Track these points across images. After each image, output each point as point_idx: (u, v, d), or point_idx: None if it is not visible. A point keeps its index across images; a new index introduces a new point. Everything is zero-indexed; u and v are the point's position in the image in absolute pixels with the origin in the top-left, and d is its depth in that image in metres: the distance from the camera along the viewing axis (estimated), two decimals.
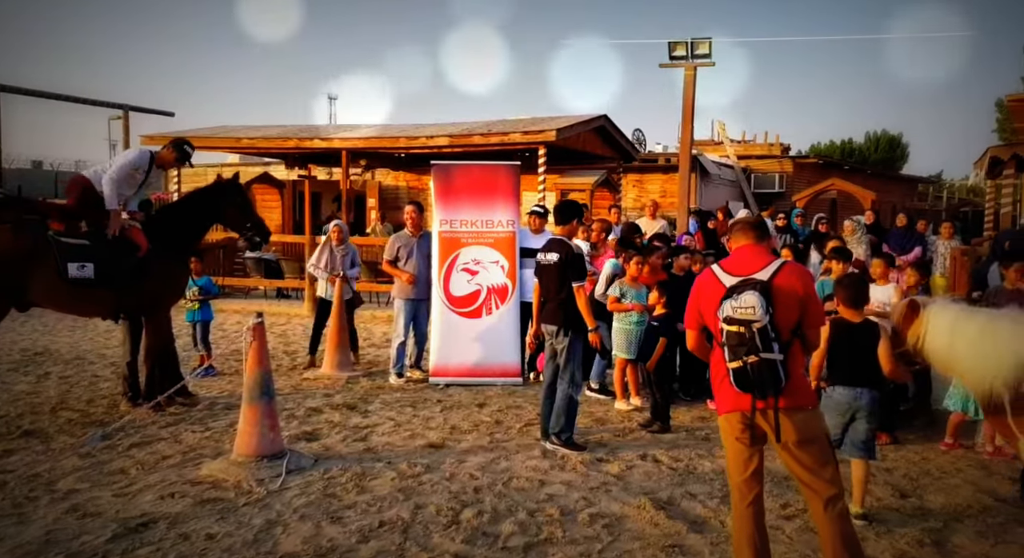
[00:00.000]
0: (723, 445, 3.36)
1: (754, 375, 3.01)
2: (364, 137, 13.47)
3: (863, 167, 24.65)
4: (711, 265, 3.39)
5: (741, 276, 3.16)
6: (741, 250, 3.33)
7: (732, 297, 3.05)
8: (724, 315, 3.05)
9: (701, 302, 3.30)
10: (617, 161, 15.35)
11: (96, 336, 9.81)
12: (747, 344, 3.00)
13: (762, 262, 3.21)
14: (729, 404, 3.19)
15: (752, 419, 3.13)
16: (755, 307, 2.99)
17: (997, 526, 4.13)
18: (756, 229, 3.35)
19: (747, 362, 2.99)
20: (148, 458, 5.04)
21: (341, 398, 6.86)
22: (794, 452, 3.13)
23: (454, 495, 4.48)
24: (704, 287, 3.30)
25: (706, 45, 10.76)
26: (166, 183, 23.51)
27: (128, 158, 6.14)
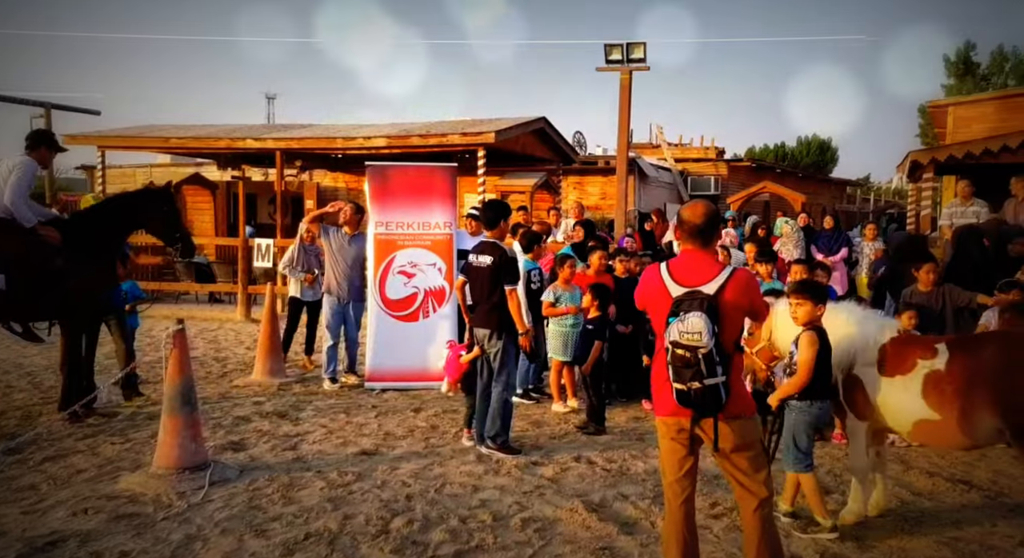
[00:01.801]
0: (658, 445, 3.35)
1: (696, 399, 3.01)
2: (299, 138, 13.19)
3: (795, 170, 25.39)
4: (660, 264, 3.27)
5: (688, 286, 3.08)
6: (689, 255, 3.21)
7: (679, 317, 2.99)
8: (671, 339, 3.00)
9: (647, 302, 3.25)
10: (557, 163, 15.42)
11: (10, 344, 9.30)
12: (692, 368, 2.97)
13: (710, 272, 3.10)
14: (668, 410, 3.16)
15: (691, 428, 3.13)
16: (701, 333, 2.94)
17: (913, 519, 4.26)
18: (701, 236, 3.19)
19: (691, 387, 2.99)
20: (61, 472, 4.79)
21: (272, 406, 6.67)
22: (731, 458, 3.14)
23: (385, 503, 4.39)
24: (650, 288, 3.22)
25: (641, 49, 10.89)
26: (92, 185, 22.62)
27: (24, 173, 5.69)
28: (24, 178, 5.67)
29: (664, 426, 3.22)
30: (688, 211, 3.22)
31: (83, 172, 23.60)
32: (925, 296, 6.11)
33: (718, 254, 3.39)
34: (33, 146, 5.89)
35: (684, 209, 3.26)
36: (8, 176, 5.65)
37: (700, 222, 3.17)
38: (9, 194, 5.59)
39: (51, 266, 5.73)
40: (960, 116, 13.55)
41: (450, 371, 5.86)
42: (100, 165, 14.28)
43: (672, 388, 3.06)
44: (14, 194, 5.60)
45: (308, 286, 8.12)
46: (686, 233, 3.21)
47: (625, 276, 7.29)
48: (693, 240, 3.19)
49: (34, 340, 5.97)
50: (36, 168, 5.83)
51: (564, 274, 6.92)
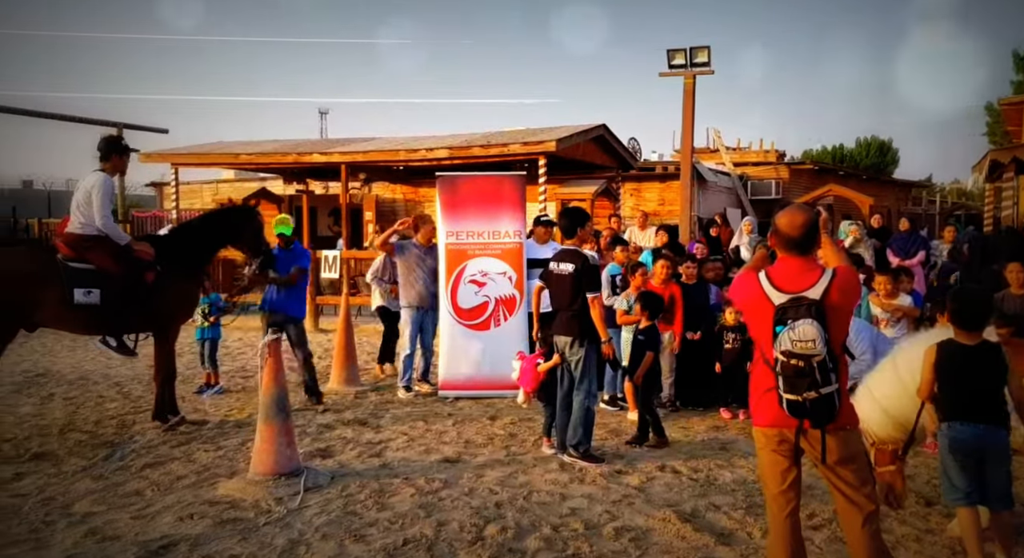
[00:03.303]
0: (742, 455, 3.30)
1: (812, 409, 2.90)
2: (364, 151, 13.44)
3: (857, 172, 24.76)
4: (758, 272, 3.14)
5: (790, 293, 2.97)
6: (787, 261, 3.09)
7: (788, 325, 2.88)
8: (783, 349, 2.89)
9: (745, 311, 3.19)
10: (616, 170, 15.37)
11: (98, 356, 9.69)
12: (807, 378, 2.85)
13: (812, 276, 3.00)
14: (770, 420, 3.07)
15: (797, 439, 3.03)
16: (815, 340, 2.83)
17: None
18: (800, 248, 3.04)
19: (806, 398, 2.87)
20: (163, 479, 4.96)
21: (352, 414, 6.80)
22: (836, 470, 3.04)
23: (475, 511, 4.42)
24: (748, 297, 3.12)
25: (705, 53, 10.80)
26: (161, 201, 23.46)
27: (104, 191, 5.83)
28: (105, 196, 5.81)
29: (764, 437, 3.13)
30: (785, 220, 3.07)
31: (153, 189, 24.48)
32: (1020, 300, 5.84)
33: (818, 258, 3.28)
34: (105, 156, 6.02)
35: (781, 217, 3.11)
36: (90, 195, 5.79)
37: (798, 235, 3.04)
38: (99, 218, 5.73)
39: (144, 281, 5.94)
40: None
41: (526, 381, 5.87)
42: (174, 181, 14.80)
43: (780, 399, 2.95)
44: (103, 214, 5.75)
45: (393, 297, 8.24)
46: (783, 244, 3.08)
47: (692, 283, 7.22)
48: (790, 251, 3.07)
49: (127, 354, 6.20)
50: (112, 182, 5.99)
51: (636, 282, 6.89)
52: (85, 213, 5.81)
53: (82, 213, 5.82)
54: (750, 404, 3.21)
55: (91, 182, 5.85)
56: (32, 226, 18.05)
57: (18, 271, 5.55)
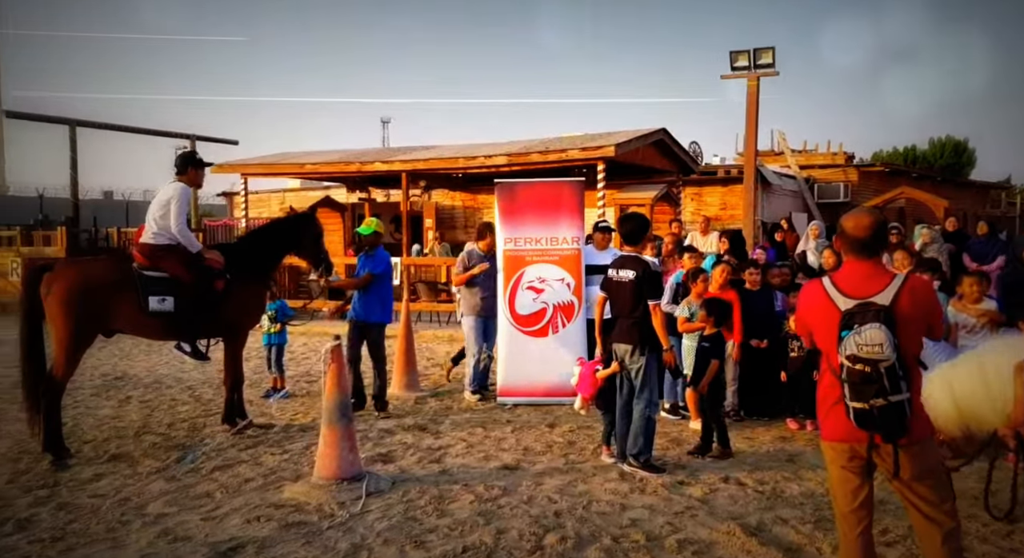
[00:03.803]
0: (809, 467, 3.19)
1: (881, 418, 2.79)
2: (424, 159, 13.62)
3: (931, 174, 23.80)
4: (820, 279, 3.07)
5: (857, 298, 2.88)
6: (854, 266, 3.00)
7: (854, 329, 2.79)
8: (848, 353, 2.79)
9: (810, 321, 3.07)
10: (676, 174, 15.17)
11: (172, 360, 10.07)
12: (874, 384, 2.75)
13: (881, 281, 2.91)
14: (839, 434, 2.96)
15: (868, 454, 2.91)
16: (883, 344, 2.74)
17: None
18: (867, 250, 2.96)
19: (873, 405, 2.77)
20: (231, 481, 5.11)
21: (412, 419, 6.87)
22: (912, 486, 2.92)
23: (535, 519, 4.40)
24: (813, 305, 3.04)
25: (769, 54, 10.56)
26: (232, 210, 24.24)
27: (180, 200, 6.08)
28: (182, 205, 6.09)
29: (833, 452, 3.01)
30: (852, 223, 2.99)
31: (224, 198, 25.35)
32: None
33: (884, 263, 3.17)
34: (182, 170, 6.27)
35: (847, 220, 3.03)
36: (168, 204, 6.04)
37: (865, 236, 2.95)
38: (175, 225, 6.00)
39: (214, 289, 6.15)
40: None
41: (584, 388, 5.82)
42: (243, 191, 15.29)
43: (848, 408, 2.84)
44: (179, 222, 6.02)
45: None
46: (849, 247, 3.00)
47: (756, 289, 7.04)
48: (858, 254, 2.98)
49: (201, 359, 6.42)
50: (189, 192, 6.24)
51: (697, 288, 6.76)
52: (160, 222, 6.05)
53: (157, 222, 6.06)
54: (818, 417, 3.10)
55: (169, 192, 6.11)
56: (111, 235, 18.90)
57: (98, 281, 5.81)
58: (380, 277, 7.14)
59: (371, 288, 7.14)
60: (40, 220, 20.81)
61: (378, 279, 7.14)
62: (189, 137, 23.53)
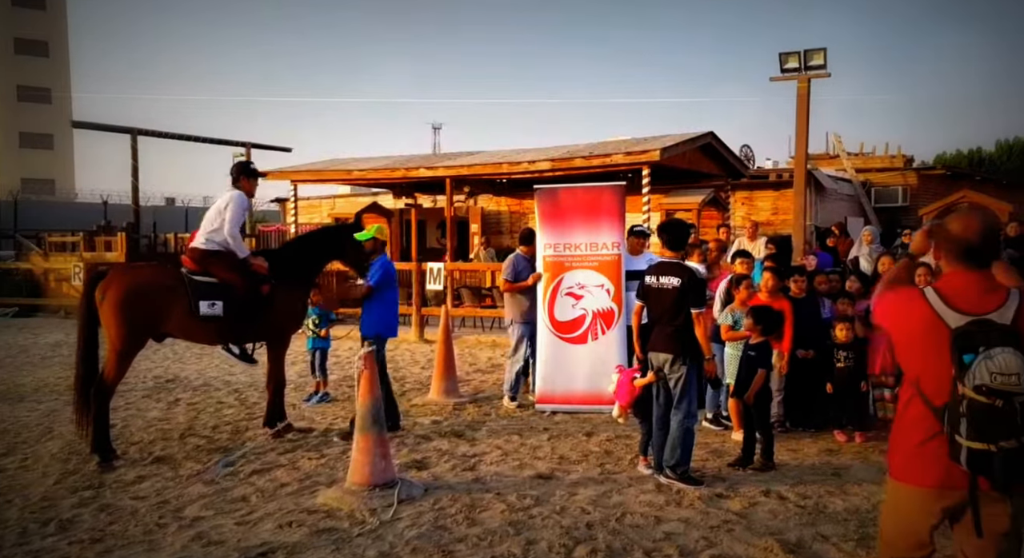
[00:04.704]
0: (888, 515, 2.71)
1: (1004, 462, 2.32)
2: (468, 164, 13.68)
3: (996, 177, 22.83)
4: (924, 289, 2.61)
5: (971, 314, 2.45)
6: (961, 276, 2.57)
7: (982, 353, 2.33)
8: (977, 382, 2.32)
9: (904, 335, 2.62)
10: (725, 178, 14.89)
11: (221, 363, 10.32)
12: (1006, 422, 2.30)
13: (997, 296, 2.49)
14: (933, 478, 2.49)
15: (974, 504, 2.44)
16: (1019, 374, 2.29)
17: None
18: (976, 259, 2.53)
19: (1001, 447, 2.31)
20: (267, 485, 5.18)
21: (449, 425, 6.87)
22: (1005, 544, 2.49)
23: (566, 530, 4.33)
24: (911, 319, 2.58)
25: (820, 56, 10.26)
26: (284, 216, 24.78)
27: (238, 207, 6.22)
28: (237, 211, 6.25)
29: (918, 499, 2.54)
30: (959, 224, 2.57)
31: (277, 205, 25.95)
32: None
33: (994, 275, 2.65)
34: (236, 179, 6.45)
35: (953, 223, 2.61)
36: (223, 210, 6.23)
37: (978, 242, 2.52)
38: (228, 227, 6.17)
39: (260, 293, 6.27)
40: None
41: (621, 396, 5.72)
42: (293, 197, 15.61)
43: (957, 448, 2.37)
44: (232, 227, 6.19)
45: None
46: (954, 252, 2.57)
47: (802, 297, 6.83)
48: (964, 261, 2.55)
49: (249, 362, 6.55)
50: (246, 200, 6.41)
51: (741, 295, 6.58)
52: (213, 228, 6.21)
53: (210, 228, 6.22)
54: (895, 457, 2.63)
55: (227, 198, 6.30)
56: (169, 241, 19.54)
57: (149, 286, 5.98)
58: (377, 289, 6.63)
59: (376, 301, 6.65)
60: (103, 226, 21.61)
61: (377, 291, 6.63)
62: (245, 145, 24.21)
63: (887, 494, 2.68)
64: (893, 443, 2.64)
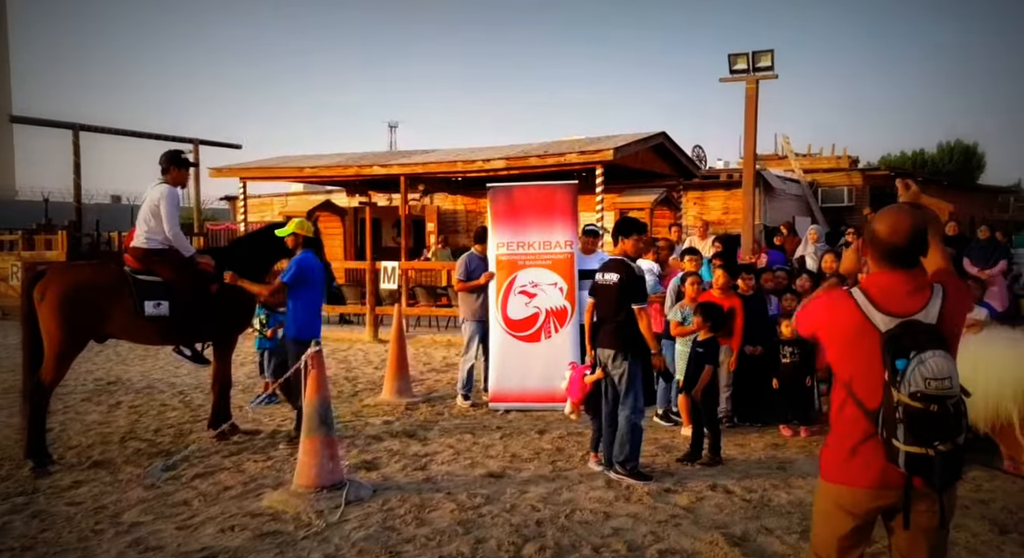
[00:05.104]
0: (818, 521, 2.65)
1: (941, 464, 2.29)
2: (422, 163, 13.58)
3: (938, 178, 23.61)
4: (851, 289, 2.55)
5: (899, 315, 2.41)
6: (888, 276, 2.50)
7: (913, 359, 2.29)
8: (912, 390, 2.27)
9: (833, 339, 2.55)
10: (677, 178, 15.07)
11: (166, 364, 10.06)
12: (941, 426, 2.28)
13: (922, 296, 2.45)
14: (868, 479, 2.46)
15: (906, 503, 2.43)
16: (951, 378, 2.28)
17: None
18: (903, 260, 2.47)
19: (938, 450, 2.28)
20: (210, 489, 5.04)
21: (400, 425, 6.80)
22: (937, 539, 2.50)
23: (515, 528, 4.32)
24: (840, 323, 2.51)
25: (768, 57, 10.46)
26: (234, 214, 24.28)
27: (171, 203, 5.99)
28: (172, 207, 6.00)
29: (847, 499, 2.50)
30: (886, 225, 2.47)
31: (226, 202, 25.42)
32: None
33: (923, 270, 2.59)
34: (165, 169, 6.14)
35: (880, 222, 2.50)
36: (157, 208, 5.97)
37: (905, 243, 2.44)
38: (168, 226, 5.97)
39: (207, 292, 6.11)
40: None
41: (573, 392, 5.74)
42: (242, 195, 15.28)
43: (893, 452, 2.34)
44: (172, 225, 5.98)
45: None
46: (884, 255, 2.49)
47: (750, 294, 6.94)
48: (893, 264, 2.48)
49: (202, 363, 6.39)
50: (177, 194, 6.16)
51: (690, 292, 6.66)
52: (152, 226, 6.00)
53: (148, 226, 6.01)
54: (829, 459, 2.58)
55: (157, 195, 6.03)
56: (113, 239, 18.97)
57: (90, 286, 5.76)
58: (291, 287, 6.14)
59: (292, 301, 6.20)
60: (43, 224, 20.88)
61: (292, 289, 6.14)
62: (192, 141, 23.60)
63: (818, 498, 2.63)
64: (827, 446, 2.59)
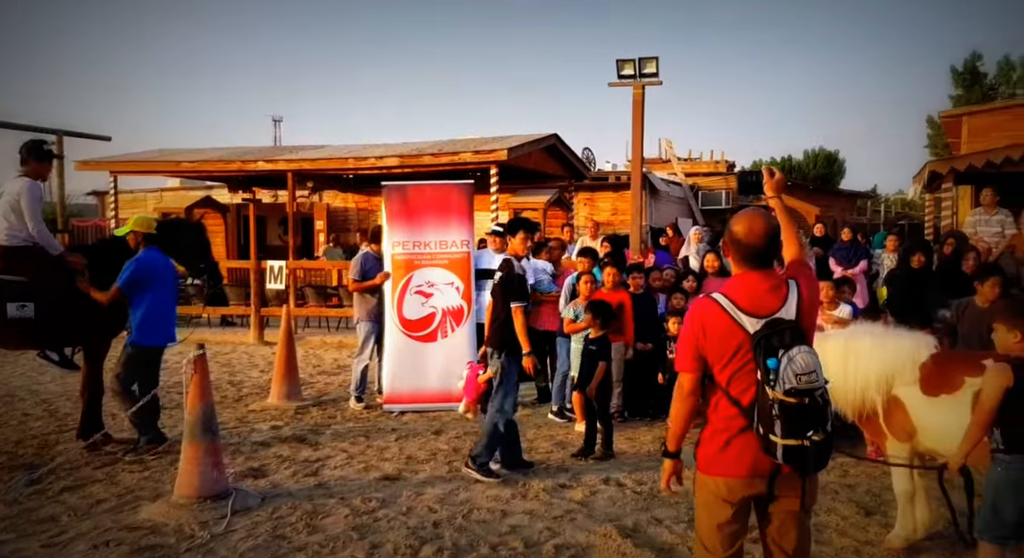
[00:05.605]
0: (699, 513, 2.72)
1: (815, 453, 2.43)
2: (311, 158, 13.18)
3: (804, 183, 25.29)
4: (713, 295, 2.62)
5: (762, 316, 2.51)
6: (749, 278, 2.60)
7: (782, 357, 2.41)
8: (787, 387, 2.39)
9: (707, 343, 2.58)
10: (568, 180, 15.38)
11: (28, 370, 9.27)
12: (813, 417, 2.41)
13: (780, 293, 2.56)
14: (743, 469, 2.56)
15: (770, 488, 2.56)
16: (816, 370, 2.42)
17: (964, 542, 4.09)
18: (761, 261, 2.59)
19: (812, 440, 2.41)
20: (81, 503, 4.69)
21: (290, 430, 6.57)
22: (802, 521, 2.63)
23: (412, 531, 4.27)
24: (710, 326, 2.57)
25: (653, 64, 10.84)
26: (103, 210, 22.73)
27: (32, 198, 5.55)
28: (34, 203, 5.57)
29: (726, 490, 2.58)
30: (743, 227, 2.58)
31: (94, 198, 23.73)
32: (981, 311, 5.53)
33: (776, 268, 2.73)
34: (24, 161, 5.71)
35: (738, 224, 2.60)
36: (17, 203, 5.53)
37: (762, 245, 2.56)
38: (32, 224, 5.51)
39: (77, 293, 5.67)
40: (975, 126, 13.44)
41: (468, 391, 5.75)
42: (112, 190, 14.31)
43: (770, 445, 2.45)
44: (36, 222, 5.53)
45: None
46: (742, 256, 2.60)
47: (639, 293, 7.18)
48: (751, 265, 2.59)
49: (70, 368, 5.92)
50: (39, 188, 5.72)
51: (583, 290, 6.81)
52: (13, 222, 5.54)
53: (8, 222, 5.54)
54: (707, 453, 2.64)
55: (16, 189, 5.58)
56: None
57: None
58: (126, 291, 5.67)
59: (133, 304, 5.74)
60: None
61: (133, 292, 5.69)
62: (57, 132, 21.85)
63: (698, 490, 2.70)
64: (704, 440, 2.66)
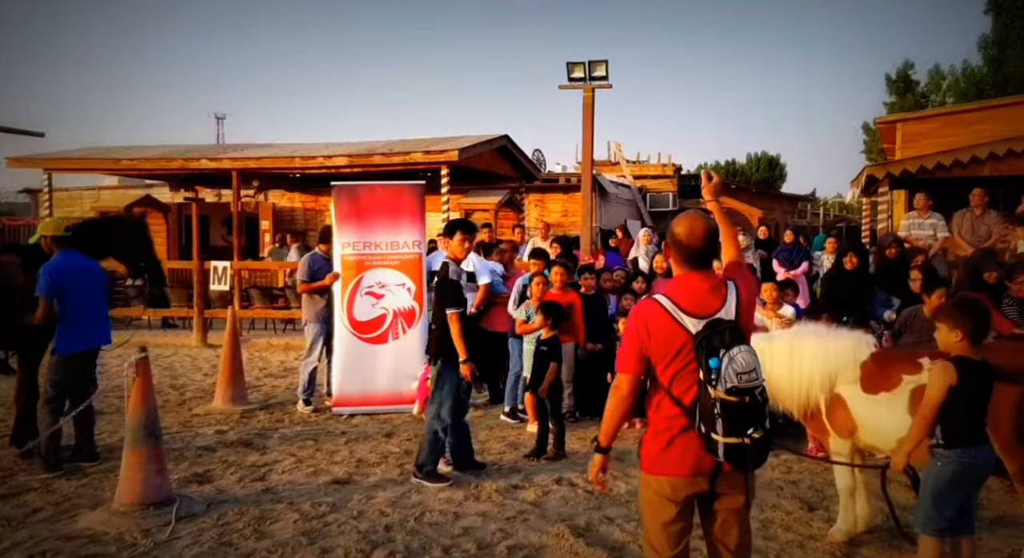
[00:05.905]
0: (645, 513, 2.72)
1: (754, 450, 2.48)
2: (256, 157, 12.91)
3: (748, 186, 25.92)
4: (655, 296, 2.66)
5: (703, 316, 2.57)
6: (690, 279, 2.66)
7: (723, 357, 2.46)
8: (729, 386, 2.43)
9: (651, 344, 2.61)
10: (519, 181, 15.42)
11: None
12: (753, 415, 2.46)
13: (720, 294, 2.62)
14: (686, 468, 2.59)
15: (712, 485, 2.61)
16: (755, 369, 2.48)
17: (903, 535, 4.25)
18: (701, 261, 2.65)
19: (752, 437, 2.46)
20: (15, 512, 4.50)
21: (236, 434, 6.42)
22: (744, 517, 2.68)
23: (363, 535, 4.22)
24: (654, 327, 2.60)
25: (603, 67, 10.95)
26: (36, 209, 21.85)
27: None
28: None
29: (670, 489, 2.61)
30: (684, 229, 2.63)
31: (27, 196, 22.78)
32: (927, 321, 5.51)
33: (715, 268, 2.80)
34: None
35: (679, 226, 2.65)
36: None
37: (702, 246, 2.62)
38: None
39: (12, 294, 5.44)
40: (908, 132, 13.98)
41: (421, 393, 5.72)
42: (47, 188, 13.75)
43: (711, 443, 2.49)
44: None
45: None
46: (684, 257, 2.65)
47: (590, 294, 7.24)
48: (692, 266, 2.65)
49: (6, 373, 5.66)
50: None
51: (535, 291, 6.84)
52: None
53: None
54: (649, 452, 2.66)
55: None
56: None
57: None
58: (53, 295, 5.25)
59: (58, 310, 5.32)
60: None
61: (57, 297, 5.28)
62: None
63: (643, 489, 2.72)
64: (647, 440, 2.68)
